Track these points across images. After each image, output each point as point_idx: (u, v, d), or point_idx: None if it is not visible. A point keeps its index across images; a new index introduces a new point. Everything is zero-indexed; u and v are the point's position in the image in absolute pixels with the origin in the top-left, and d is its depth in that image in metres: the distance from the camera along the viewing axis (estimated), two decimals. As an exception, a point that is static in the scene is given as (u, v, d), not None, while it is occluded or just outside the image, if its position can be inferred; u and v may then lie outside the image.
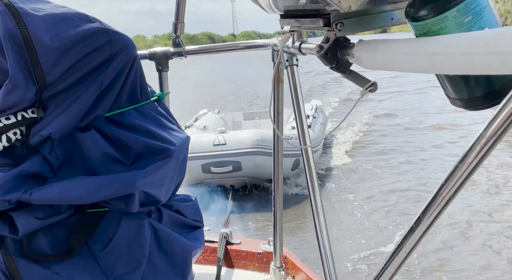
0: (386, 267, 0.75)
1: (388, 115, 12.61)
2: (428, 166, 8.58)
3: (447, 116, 11.48)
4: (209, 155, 6.91)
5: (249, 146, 7.18)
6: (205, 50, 1.46)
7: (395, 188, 7.69)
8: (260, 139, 7.29)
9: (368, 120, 11.90)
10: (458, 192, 0.62)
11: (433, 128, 11.14)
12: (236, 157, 7.14)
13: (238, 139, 7.30)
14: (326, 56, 0.83)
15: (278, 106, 1.18)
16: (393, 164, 8.84)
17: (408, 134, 10.69)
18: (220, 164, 7.06)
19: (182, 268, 1.19)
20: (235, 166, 7.16)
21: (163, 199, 1.13)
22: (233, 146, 7.15)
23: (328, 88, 17.72)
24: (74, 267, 1.06)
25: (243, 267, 1.39)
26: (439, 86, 0.68)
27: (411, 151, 9.52)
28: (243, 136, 7.37)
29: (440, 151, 9.43)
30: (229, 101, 15.82)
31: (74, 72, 0.99)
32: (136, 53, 1.07)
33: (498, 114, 0.53)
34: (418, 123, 11.59)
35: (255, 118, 9.22)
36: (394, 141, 10.23)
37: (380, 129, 11.16)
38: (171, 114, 1.21)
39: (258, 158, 7.23)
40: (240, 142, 7.24)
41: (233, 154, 7.12)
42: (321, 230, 0.99)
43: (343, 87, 16.56)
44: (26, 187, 0.97)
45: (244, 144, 7.21)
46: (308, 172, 1.02)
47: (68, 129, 1.00)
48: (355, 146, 9.94)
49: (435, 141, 10.12)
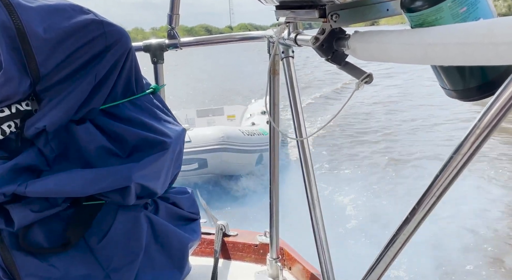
0: (381, 258, 0.76)
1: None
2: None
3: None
4: None
5: (215, 143, 7.05)
6: (201, 42, 1.45)
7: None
8: (225, 136, 7.16)
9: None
10: (453, 182, 0.62)
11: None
12: (202, 154, 6.98)
13: (203, 136, 7.14)
14: (321, 48, 0.82)
15: (274, 98, 1.18)
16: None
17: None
18: (185, 162, 6.96)
19: (179, 260, 1.19)
20: (200, 163, 7.02)
21: (159, 191, 1.13)
22: (198, 143, 6.97)
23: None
24: (70, 260, 1.06)
25: (240, 258, 1.39)
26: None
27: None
28: (208, 133, 7.23)
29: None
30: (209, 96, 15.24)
31: (69, 64, 0.98)
32: (131, 45, 1.06)
33: (492, 105, 0.53)
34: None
35: (209, 115, 8.99)
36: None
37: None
38: (166, 106, 1.20)
39: (225, 155, 7.11)
40: (205, 139, 7.08)
41: (199, 151, 6.95)
42: (317, 221, 0.99)
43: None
44: (21, 180, 0.96)
45: (209, 141, 7.06)
46: (304, 164, 1.02)
47: (63, 122, 1.00)
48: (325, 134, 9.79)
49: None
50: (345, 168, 7.97)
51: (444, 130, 9.53)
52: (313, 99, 13.57)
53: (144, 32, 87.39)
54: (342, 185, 7.06)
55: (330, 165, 8.15)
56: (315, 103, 12.94)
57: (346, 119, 10.78)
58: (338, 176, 7.54)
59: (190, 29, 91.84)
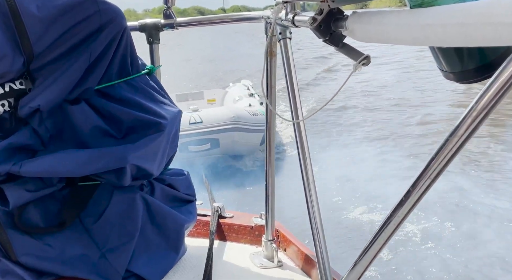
0: (375, 239, 0.76)
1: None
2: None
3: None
4: (185, 134, 6.75)
5: (227, 122, 7.11)
6: (197, 22, 1.43)
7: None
8: (236, 116, 7.22)
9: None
10: (448, 165, 0.62)
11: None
12: (214, 134, 7.05)
13: (215, 116, 7.22)
14: (319, 29, 0.81)
15: (271, 80, 1.17)
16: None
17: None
18: (198, 142, 7.00)
19: (174, 241, 1.20)
20: (213, 143, 7.09)
21: (155, 173, 1.13)
22: (210, 123, 7.05)
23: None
24: (66, 240, 1.06)
25: (236, 240, 1.41)
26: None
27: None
28: (219, 113, 7.30)
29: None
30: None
31: (63, 42, 0.97)
32: (126, 24, 1.05)
33: (489, 87, 0.53)
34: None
35: (189, 100, 8.98)
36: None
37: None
38: (162, 87, 1.19)
39: (236, 134, 7.18)
40: (217, 119, 7.15)
41: (211, 131, 7.03)
42: (312, 204, 1.00)
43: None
44: (15, 160, 0.96)
45: (221, 121, 7.12)
46: (300, 146, 1.02)
47: (58, 101, 0.99)
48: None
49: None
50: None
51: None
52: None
53: (137, 14, 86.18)
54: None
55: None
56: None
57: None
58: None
59: (182, 11, 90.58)
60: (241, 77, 11.42)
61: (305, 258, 1.23)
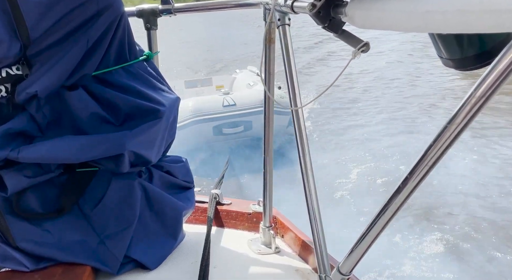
0: (373, 226, 0.77)
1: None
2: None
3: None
4: (219, 116, 6.85)
5: (259, 105, 7.00)
6: (195, 8, 1.41)
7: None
8: None
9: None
10: (446, 152, 0.62)
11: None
12: (247, 116, 7.10)
13: (248, 98, 7.26)
14: (318, 15, 0.80)
15: (269, 67, 1.17)
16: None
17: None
18: (231, 125, 7.08)
19: (173, 227, 1.21)
20: (246, 126, 7.14)
21: (153, 159, 1.13)
22: (243, 105, 7.10)
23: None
24: (65, 225, 1.07)
25: (233, 226, 1.41)
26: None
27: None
28: (252, 95, 7.32)
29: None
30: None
31: (60, 28, 0.95)
32: (123, 9, 1.03)
33: (488, 74, 0.52)
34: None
35: (198, 86, 9.02)
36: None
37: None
38: (160, 74, 1.18)
39: None
40: (250, 102, 7.18)
41: (244, 114, 7.07)
42: (310, 191, 1.00)
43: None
44: (13, 146, 0.96)
45: (254, 103, 7.13)
46: (298, 133, 1.02)
47: (55, 87, 0.98)
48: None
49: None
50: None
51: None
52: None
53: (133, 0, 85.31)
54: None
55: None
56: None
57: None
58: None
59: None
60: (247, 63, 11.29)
61: (302, 245, 1.24)
